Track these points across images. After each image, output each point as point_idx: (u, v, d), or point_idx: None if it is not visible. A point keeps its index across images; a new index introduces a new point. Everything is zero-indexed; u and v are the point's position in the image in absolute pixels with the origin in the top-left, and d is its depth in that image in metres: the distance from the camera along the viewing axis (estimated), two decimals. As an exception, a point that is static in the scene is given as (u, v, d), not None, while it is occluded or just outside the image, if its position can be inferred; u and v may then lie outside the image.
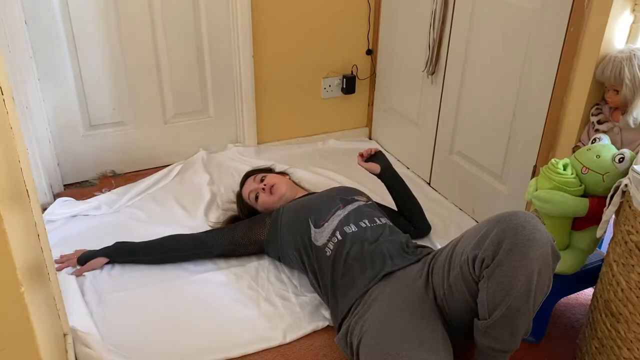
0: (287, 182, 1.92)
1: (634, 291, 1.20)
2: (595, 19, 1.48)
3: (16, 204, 0.92)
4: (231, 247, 1.78)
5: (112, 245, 1.77)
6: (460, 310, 1.30)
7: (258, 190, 1.87)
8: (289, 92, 2.54)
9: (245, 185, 1.94)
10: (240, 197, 1.97)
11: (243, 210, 1.94)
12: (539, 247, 1.15)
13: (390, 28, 2.45)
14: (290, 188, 1.89)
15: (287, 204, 1.79)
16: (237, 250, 1.79)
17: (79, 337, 1.42)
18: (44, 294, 1.11)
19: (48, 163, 2.15)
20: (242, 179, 2.00)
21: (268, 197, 1.85)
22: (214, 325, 1.55)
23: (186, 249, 1.78)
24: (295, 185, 1.96)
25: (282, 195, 1.84)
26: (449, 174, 2.23)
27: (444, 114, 2.18)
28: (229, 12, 2.29)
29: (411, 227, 1.87)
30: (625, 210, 1.25)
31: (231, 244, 1.78)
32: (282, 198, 1.84)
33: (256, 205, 1.89)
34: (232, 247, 1.78)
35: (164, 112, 2.37)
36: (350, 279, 1.47)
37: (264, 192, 1.85)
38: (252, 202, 1.90)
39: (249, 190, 1.90)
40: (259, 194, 1.87)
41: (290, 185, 1.92)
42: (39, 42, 2.02)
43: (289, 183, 1.93)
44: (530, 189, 1.45)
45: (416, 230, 1.89)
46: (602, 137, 1.41)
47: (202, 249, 1.77)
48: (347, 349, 1.38)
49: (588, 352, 1.40)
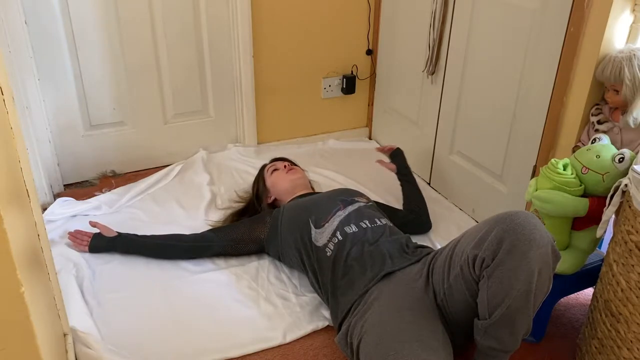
0: (305, 175, 2.00)
1: (634, 291, 1.20)
2: (595, 19, 1.48)
3: (16, 204, 0.92)
4: (231, 244, 1.78)
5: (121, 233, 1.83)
6: (461, 310, 1.30)
7: (279, 167, 1.95)
8: (289, 92, 2.54)
9: (273, 161, 2.02)
10: (261, 169, 2.03)
11: (255, 185, 2.01)
12: (539, 247, 1.15)
13: (390, 28, 2.45)
14: (304, 181, 1.96)
15: (288, 203, 1.80)
16: (238, 248, 1.79)
17: (79, 337, 1.42)
18: (44, 294, 1.11)
19: (48, 163, 2.15)
20: (274, 158, 2.08)
21: (283, 175, 1.92)
22: (214, 325, 1.55)
23: (186, 240, 1.80)
24: (308, 183, 2.01)
25: (295, 179, 1.91)
26: (449, 174, 2.23)
27: (444, 114, 2.18)
28: (229, 12, 2.29)
29: (411, 215, 1.93)
30: (625, 210, 1.25)
31: (232, 241, 1.78)
32: (293, 182, 1.90)
33: (268, 179, 1.95)
34: (232, 243, 1.78)
35: (164, 112, 2.37)
36: (351, 279, 1.47)
37: (284, 169, 1.95)
38: (266, 175, 1.96)
39: (272, 165, 1.99)
40: (277, 169, 1.95)
41: (306, 179, 1.99)
42: (39, 42, 2.02)
43: (306, 177, 2.01)
44: (530, 189, 1.45)
45: (416, 218, 1.95)
46: (602, 137, 1.41)
47: (202, 242, 1.79)
48: (347, 349, 1.38)
49: (588, 352, 1.40)
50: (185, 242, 1.80)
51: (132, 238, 1.81)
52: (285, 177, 1.93)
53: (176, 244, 1.80)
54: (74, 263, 1.75)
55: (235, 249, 1.80)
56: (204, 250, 1.80)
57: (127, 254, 1.80)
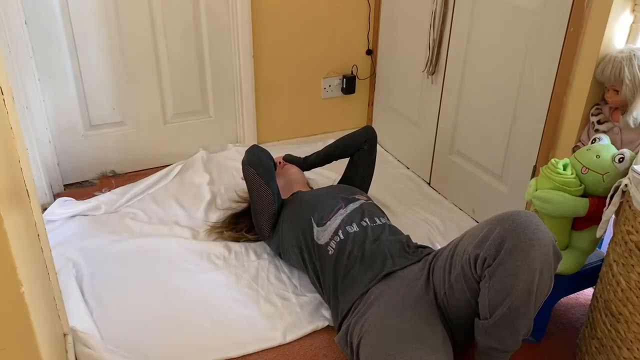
0: (299, 170, 2.01)
1: (634, 291, 1.20)
2: (595, 19, 1.48)
3: (16, 204, 0.92)
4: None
5: None
6: (461, 310, 1.30)
7: (276, 161, 1.93)
8: (289, 92, 2.54)
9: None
10: None
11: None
12: (541, 247, 1.15)
13: (390, 28, 2.45)
14: (300, 176, 1.97)
15: (287, 198, 1.80)
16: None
17: (79, 337, 1.42)
18: (44, 294, 1.11)
19: (48, 163, 2.15)
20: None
21: (278, 171, 1.94)
22: (214, 325, 1.55)
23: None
24: (304, 178, 2.01)
25: (291, 174, 1.93)
26: (449, 174, 2.23)
27: (444, 114, 2.18)
28: (229, 12, 2.29)
29: (363, 146, 1.96)
30: (625, 210, 1.25)
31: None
32: (289, 177, 1.93)
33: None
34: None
35: (164, 112, 2.37)
36: (351, 279, 1.47)
37: (279, 165, 1.97)
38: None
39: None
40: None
41: (301, 174, 1.99)
42: (39, 42, 2.02)
43: (301, 172, 2.01)
44: (530, 189, 1.45)
45: (366, 142, 1.96)
46: (602, 137, 1.41)
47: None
48: (347, 349, 1.38)
49: (588, 352, 1.40)
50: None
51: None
52: (281, 172, 1.95)
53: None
54: (73, 263, 1.75)
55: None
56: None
57: None
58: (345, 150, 1.99)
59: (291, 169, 1.97)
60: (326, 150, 2.00)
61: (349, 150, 1.99)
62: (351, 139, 1.98)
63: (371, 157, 1.98)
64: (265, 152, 1.80)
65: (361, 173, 1.98)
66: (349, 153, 1.99)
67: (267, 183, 1.73)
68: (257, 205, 1.77)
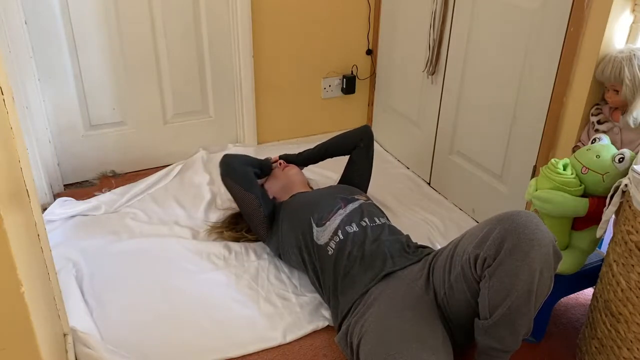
0: (300, 171, 2.01)
1: (634, 291, 1.20)
2: (595, 19, 1.48)
3: (16, 204, 0.92)
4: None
5: None
6: (461, 310, 1.30)
7: (276, 164, 1.97)
8: (289, 92, 2.54)
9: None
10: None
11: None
12: (541, 247, 1.15)
13: (390, 28, 2.45)
14: (301, 177, 1.97)
15: (287, 200, 1.80)
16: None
17: (79, 337, 1.42)
18: (44, 294, 1.11)
19: (48, 163, 2.15)
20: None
21: (279, 172, 1.95)
22: (214, 325, 1.55)
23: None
24: (305, 179, 2.01)
25: (292, 175, 1.93)
26: (449, 174, 2.23)
27: (444, 114, 2.18)
28: (229, 12, 2.29)
29: (360, 144, 1.97)
30: (625, 210, 1.25)
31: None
32: (290, 178, 1.92)
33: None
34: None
35: (164, 112, 2.37)
36: (351, 279, 1.47)
37: (279, 166, 1.97)
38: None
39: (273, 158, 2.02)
40: (274, 166, 1.98)
41: (302, 175, 1.99)
42: (39, 42, 2.02)
43: (302, 173, 2.01)
44: (530, 189, 1.45)
45: (362, 140, 1.97)
46: (602, 137, 1.41)
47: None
48: (347, 349, 1.38)
49: (588, 352, 1.40)
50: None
51: None
52: (281, 173, 1.95)
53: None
54: (73, 263, 1.75)
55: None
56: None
57: None
58: (339, 148, 2.00)
59: (291, 169, 1.97)
60: (320, 147, 2.01)
61: (344, 148, 2.00)
62: (347, 137, 2.00)
63: (368, 155, 1.98)
64: (239, 158, 1.85)
65: (359, 172, 1.98)
66: (345, 151, 2.00)
67: (247, 189, 1.77)
68: (244, 211, 1.83)
